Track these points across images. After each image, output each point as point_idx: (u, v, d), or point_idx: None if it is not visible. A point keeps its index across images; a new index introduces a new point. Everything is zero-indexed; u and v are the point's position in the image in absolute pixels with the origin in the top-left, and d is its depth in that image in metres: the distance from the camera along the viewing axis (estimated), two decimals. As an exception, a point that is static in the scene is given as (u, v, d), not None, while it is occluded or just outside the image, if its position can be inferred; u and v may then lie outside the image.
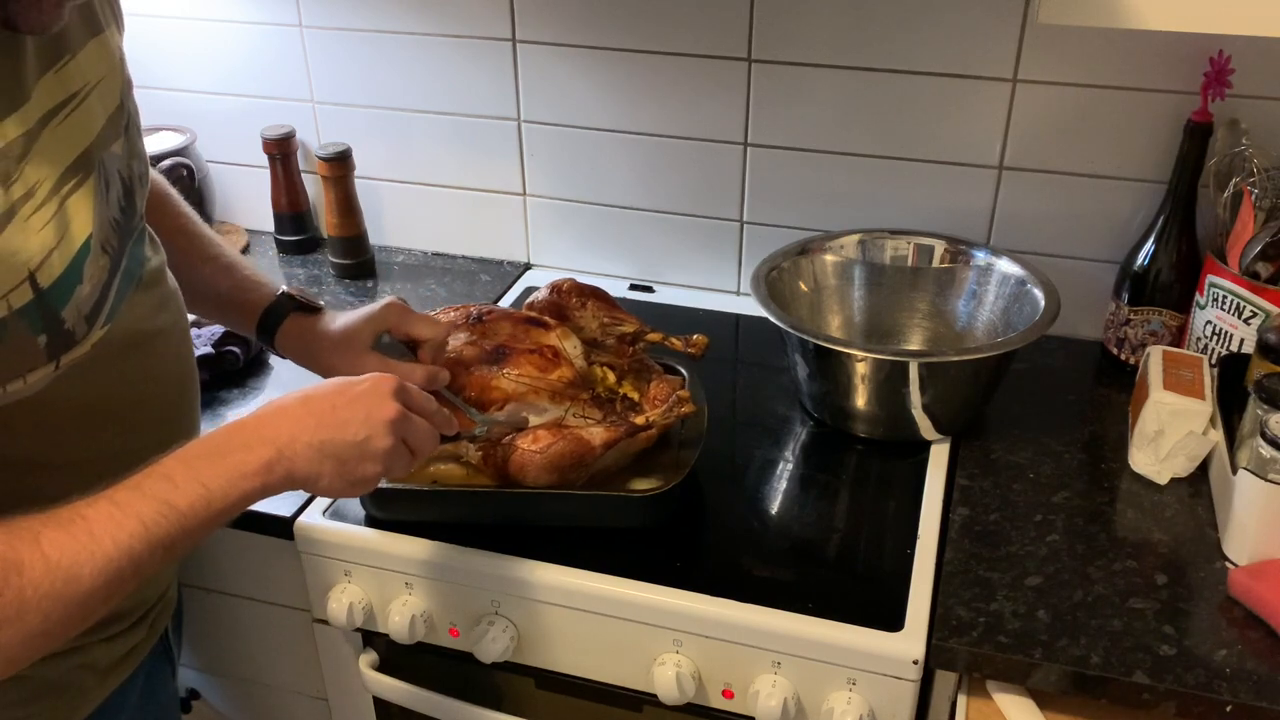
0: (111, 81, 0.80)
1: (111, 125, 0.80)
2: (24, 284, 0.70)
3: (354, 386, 0.84)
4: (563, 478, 1.02)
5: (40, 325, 0.72)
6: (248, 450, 0.77)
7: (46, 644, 0.69)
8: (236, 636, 1.24)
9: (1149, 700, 0.90)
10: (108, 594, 0.70)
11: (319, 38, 1.51)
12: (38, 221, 0.71)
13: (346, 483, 0.82)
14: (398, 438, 0.83)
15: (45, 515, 0.69)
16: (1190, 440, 1.09)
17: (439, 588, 1.06)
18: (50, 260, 0.72)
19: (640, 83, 1.41)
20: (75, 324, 0.75)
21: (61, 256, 0.73)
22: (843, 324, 1.33)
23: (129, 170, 0.83)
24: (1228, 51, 1.15)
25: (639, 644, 1.01)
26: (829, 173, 1.39)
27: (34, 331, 0.72)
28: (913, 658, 0.93)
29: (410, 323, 1.01)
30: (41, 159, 0.72)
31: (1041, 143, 1.30)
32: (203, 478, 0.74)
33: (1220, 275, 1.18)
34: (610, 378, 1.11)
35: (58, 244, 0.73)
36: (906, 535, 1.06)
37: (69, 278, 0.74)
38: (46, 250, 0.72)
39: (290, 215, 1.61)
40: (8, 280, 0.69)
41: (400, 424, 0.83)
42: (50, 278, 0.72)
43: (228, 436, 0.78)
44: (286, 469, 0.78)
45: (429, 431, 0.87)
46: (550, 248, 1.58)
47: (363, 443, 0.81)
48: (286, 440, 0.78)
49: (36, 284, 0.71)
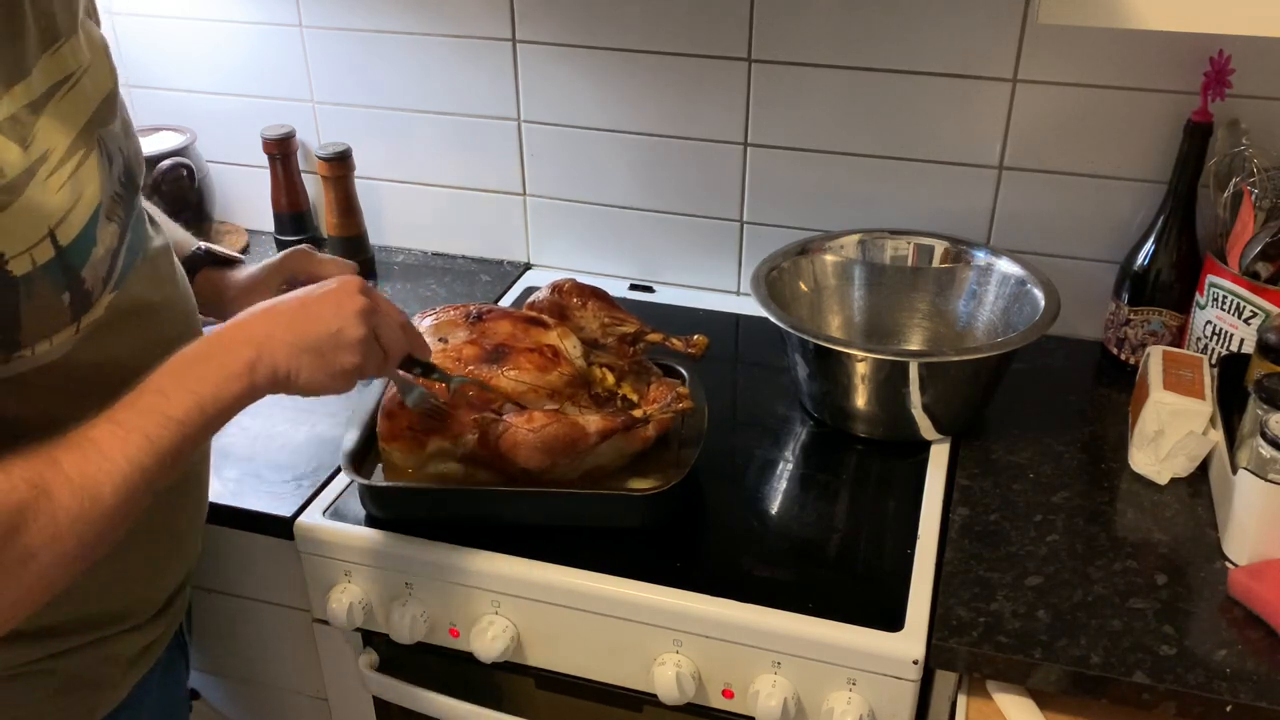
0: (100, 67, 0.82)
1: (107, 105, 0.82)
2: (45, 240, 0.72)
3: (320, 287, 0.87)
4: (554, 462, 1.01)
5: (64, 283, 0.74)
6: (229, 353, 0.79)
7: (79, 566, 0.72)
8: (236, 636, 1.24)
9: (1149, 700, 0.90)
10: (127, 510, 0.73)
11: (319, 38, 1.51)
12: (54, 183, 0.74)
13: (327, 375, 0.83)
14: (369, 328, 0.85)
15: (54, 442, 0.71)
16: (1190, 440, 1.09)
17: (439, 588, 1.06)
18: (68, 220, 0.74)
19: (640, 83, 1.41)
20: (94, 285, 0.78)
21: (78, 217, 0.75)
22: (843, 324, 1.33)
23: (128, 149, 0.85)
24: (1228, 51, 1.15)
25: (639, 644, 1.01)
26: (829, 173, 1.39)
27: (58, 290, 0.74)
28: (913, 658, 0.93)
29: (316, 264, 1.05)
30: (50, 128, 0.75)
31: (1041, 143, 1.30)
32: (191, 386, 0.77)
33: (1220, 275, 1.18)
34: (610, 379, 1.11)
35: (73, 206, 0.75)
36: (906, 535, 1.06)
37: (85, 238, 0.76)
38: (64, 210, 0.74)
39: (290, 215, 1.61)
40: (31, 235, 0.71)
41: (369, 314, 0.85)
42: (68, 236, 0.74)
43: (208, 345, 0.81)
44: (269, 366, 0.80)
45: (398, 329, 0.89)
46: (550, 248, 1.58)
47: (336, 333, 0.83)
48: (263, 338, 0.81)
49: (57, 241, 0.73)
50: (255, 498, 1.12)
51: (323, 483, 1.14)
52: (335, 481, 1.14)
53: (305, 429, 1.23)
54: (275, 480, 1.15)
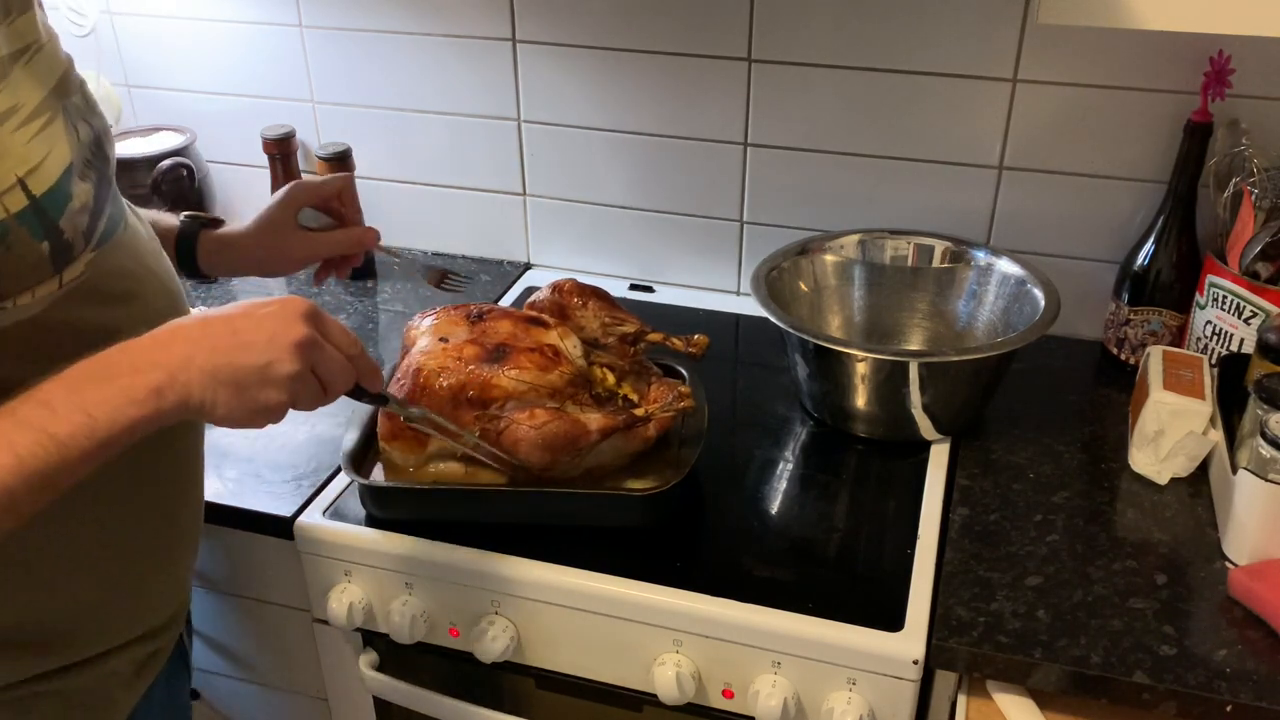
0: (52, 49, 0.81)
1: (65, 81, 0.80)
2: (16, 187, 0.69)
3: (260, 308, 0.76)
4: (555, 459, 1.01)
5: (40, 232, 0.71)
6: (136, 374, 0.70)
7: None
8: (236, 636, 1.24)
9: (1149, 700, 0.90)
10: None
11: (319, 38, 1.51)
12: (23, 136, 0.72)
13: (247, 411, 0.74)
14: (305, 364, 0.75)
15: None
16: (1190, 440, 1.09)
17: (439, 588, 1.06)
18: (40, 170, 0.71)
19: (640, 83, 1.41)
20: (74, 237, 0.74)
21: (49, 170, 0.72)
22: (843, 324, 1.33)
23: (95, 123, 0.83)
24: (1228, 51, 1.15)
25: (639, 644, 1.01)
26: (829, 173, 1.39)
27: (35, 238, 0.71)
28: (913, 658, 0.93)
29: (319, 186, 1.05)
30: (18, 85, 0.73)
31: (1041, 143, 1.30)
32: (86, 404, 0.68)
33: (1220, 275, 1.18)
34: (610, 378, 1.11)
35: (43, 159, 0.72)
36: (906, 535, 1.06)
37: (60, 191, 0.73)
38: (34, 162, 0.71)
39: (290, 215, 1.61)
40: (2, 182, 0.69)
41: (308, 349, 0.75)
42: (41, 186, 0.71)
43: (115, 359, 0.71)
44: (180, 396, 0.71)
45: (342, 364, 0.78)
46: (550, 248, 1.58)
47: (264, 368, 0.73)
48: (179, 364, 0.71)
49: (29, 189, 0.70)
50: (255, 498, 1.12)
51: (323, 483, 1.14)
52: (335, 481, 1.14)
53: (305, 429, 1.23)
54: (275, 480, 1.15)
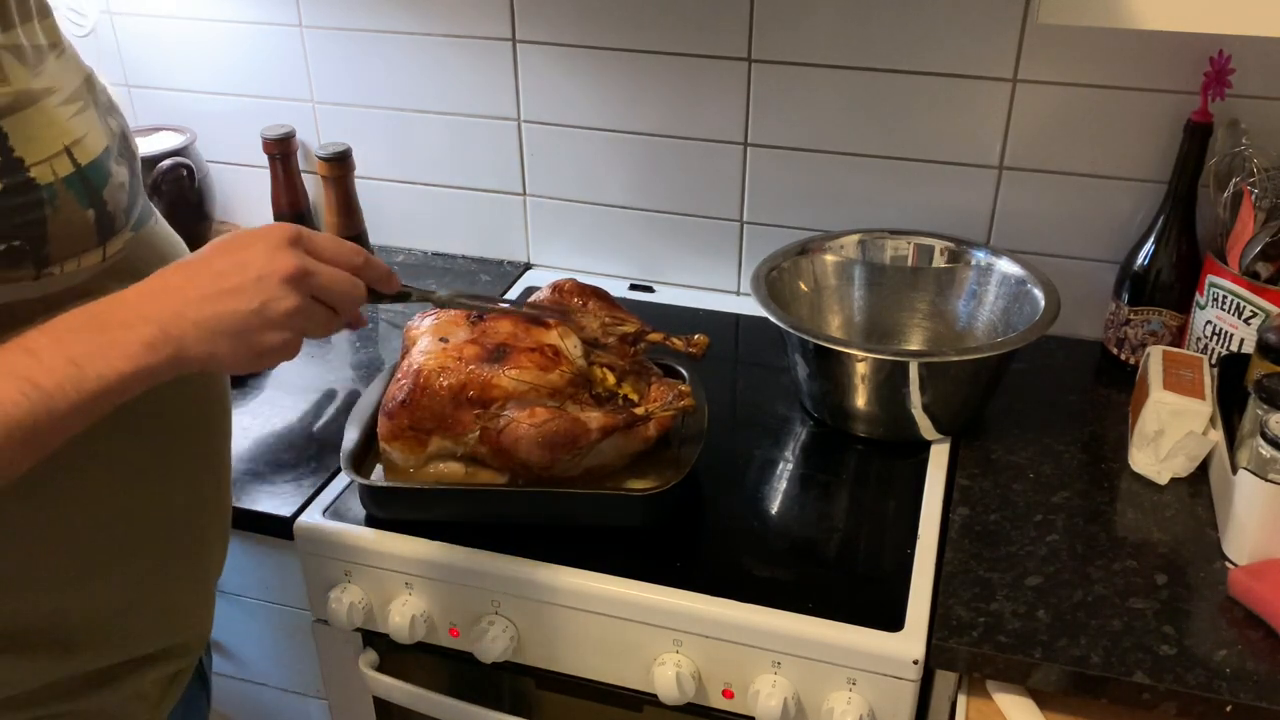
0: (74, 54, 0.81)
1: (91, 80, 0.81)
2: (63, 154, 0.70)
3: (240, 247, 0.71)
4: (554, 457, 1.01)
5: (86, 200, 0.71)
6: (127, 328, 0.66)
7: None
8: (237, 636, 1.24)
9: (1149, 700, 0.90)
10: None
11: (319, 38, 1.51)
12: (66, 112, 0.72)
13: (253, 355, 0.70)
14: (303, 295, 0.71)
15: None
16: (1190, 440, 1.09)
17: (439, 588, 1.06)
18: (84, 142, 0.72)
19: (640, 83, 1.41)
20: (116, 210, 0.74)
21: (91, 145, 0.73)
22: (843, 324, 1.33)
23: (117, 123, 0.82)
24: (1228, 51, 1.15)
25: (639, 644, 1.01)
26: (829, 173, 1.39)
27: (82, 204, 0.70)
28: (913, 658, 0.93)
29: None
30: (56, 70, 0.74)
31: (1041, 143, 1.30)
32: (74, 354, 0.63)
33: (1220, 275, 1.18)
34: (610, 378, 1.11)
35: (85, 135, 0.73)
36: (906, 535, 1.06)
37: (101, 165, 0.73)
38: (78, 135, 0.72)
39: (290, 215, 1.61)
40: (49, 145, 0.69)
41: (301, 279, 0.71)
42: (86, 157, 0.72)
43: (107, 309, 0.67)
44: (174, 349, 0.67)
45: (345, 281, 0.74)
46: (550, 248, 1.58)
47: (259, 310, 0.69)
48: (170, 317, 0.67)
49: (75, 158, 0.71)
50: (255, 498, 1.12)
51: (323, 483, 1.14)
52: (335, 481, 1.14)
53: (305, 429, 1.23)
54: (275, 480, 1.15)
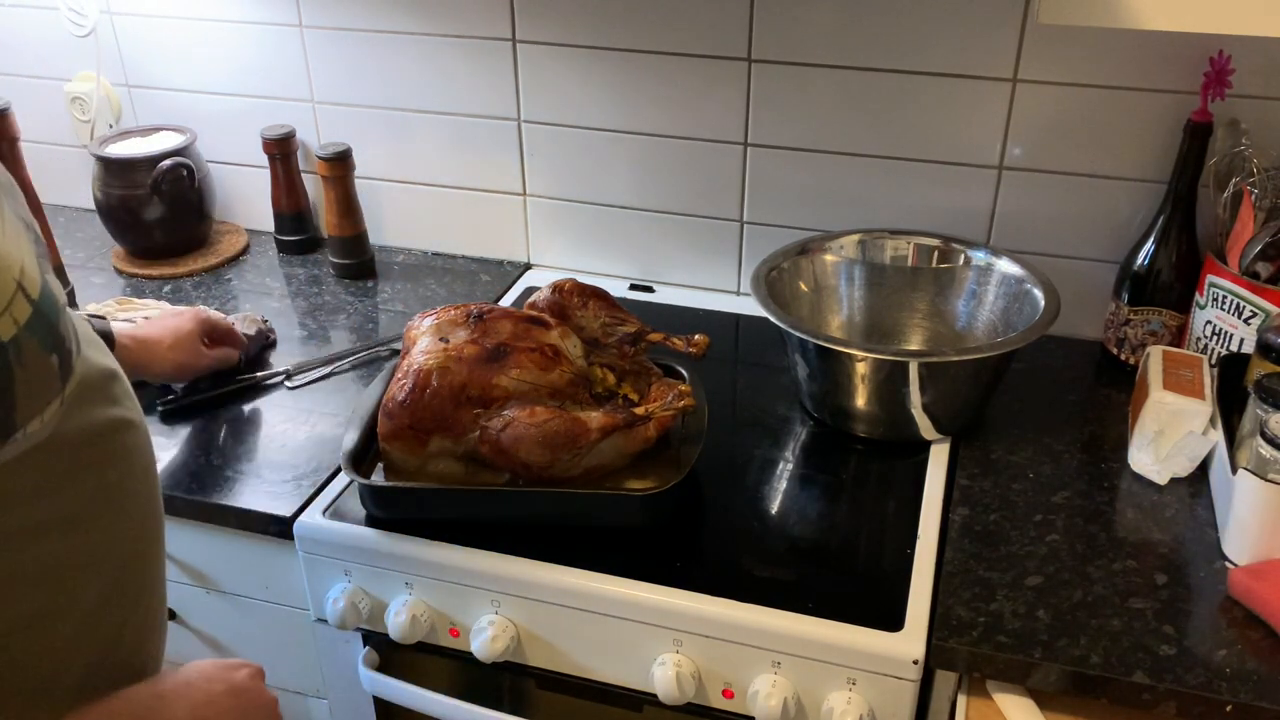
0: None
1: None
2: (17, 294, 0.65)
3: (239, 691, 0.89)
4: (555, 457, 1.01)
5: (49, 342, 0.68)
6: None
7: None
8: (237, 636, 1.24)
9: (1149, 700, 0.90)
10: None
11: (319, 38, 1.51)
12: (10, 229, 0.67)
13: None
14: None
15: None
16: (1190, 440, 1.09)
17: (439, 588, 1.06)
18: (26, 271, 0.66)
19: (640, 83, 1.41)
20: (71, 343, 0.71)
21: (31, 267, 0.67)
22: (843, 324, 1.33)
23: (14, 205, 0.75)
24: (1228, 51, 1.15)
25: (639, 644, 1.01)
26: (829, 173, 1.39)
27: (45, 349, 0.67)
28: (913, 658, 0.93)
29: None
30: None
31: (1041, 143, 1.30)
32: None
33: (1220, 275, 1.18)
34: (610, 378, 1.11)
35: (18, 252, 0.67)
36: (906, 535, 1.06)
37: (47, 290, 0.69)
38: (19, 259, 0.66)
39: (290, 215, 1.61)
40: (4, 291, 0.64)
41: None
42: (34, 288, 0.67)
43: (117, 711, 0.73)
44: None
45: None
46: (550, 248, 1.58)
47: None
48: None
49: (28, 294, 0.66)
50: (255, 498, 1.12)
51: (323, 483, 1.14)
52: (335, 481, 1.14)
53: (305, 429, 1.23)
54: (275, 480, 1.15)
